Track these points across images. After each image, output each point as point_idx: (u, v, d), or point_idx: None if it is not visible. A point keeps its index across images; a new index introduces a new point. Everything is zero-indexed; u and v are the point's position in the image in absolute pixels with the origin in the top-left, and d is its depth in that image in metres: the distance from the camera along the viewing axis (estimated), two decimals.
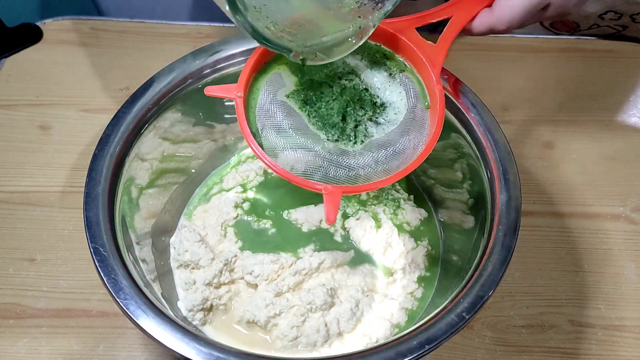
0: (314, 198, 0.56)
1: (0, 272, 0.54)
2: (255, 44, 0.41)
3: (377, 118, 0.44)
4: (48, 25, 0.73)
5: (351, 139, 0.43)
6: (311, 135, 0.42)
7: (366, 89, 0.44)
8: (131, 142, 0.47)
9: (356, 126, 0.43)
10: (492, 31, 0.44)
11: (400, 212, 0.56)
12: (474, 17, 0.45)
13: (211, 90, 0.41)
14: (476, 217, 0.49)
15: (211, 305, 0.50)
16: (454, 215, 0.54)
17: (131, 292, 0.39)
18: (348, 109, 0.43)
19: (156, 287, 0.46)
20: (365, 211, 0.56)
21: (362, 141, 0.43)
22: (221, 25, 0.74)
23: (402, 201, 0.57)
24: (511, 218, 0.43)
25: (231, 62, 0.51)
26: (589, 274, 0.56)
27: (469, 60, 0.73)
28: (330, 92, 0.43)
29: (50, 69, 0.69)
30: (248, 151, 0.60)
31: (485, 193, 0.46)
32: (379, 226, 0.55)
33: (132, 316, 0.38)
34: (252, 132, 0.41)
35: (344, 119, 0.43)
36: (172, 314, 0.41)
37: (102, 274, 0.40)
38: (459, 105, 0.49)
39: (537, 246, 0.57)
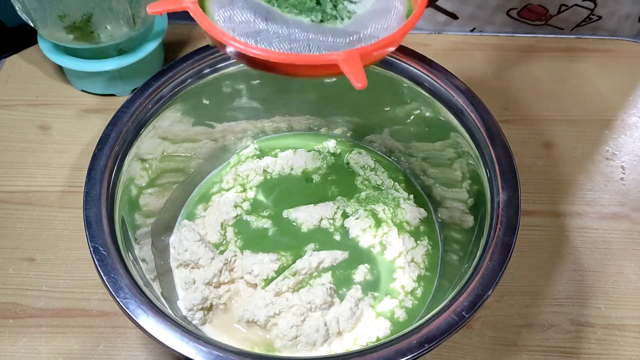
0: (314, 198, 0.57)
1: (0, 271, 0.54)
2: None
3: None
4: None
5: (336, 17, 0.39)
6: (292, 23, 0.37)
7: None
8: (131, 142, 0.47)
9: (335, 6, 0.39)
10: None
11: (399, 211, 0.56)
12: None
13: (154, 7, 0.36)
14: (476, 216, 0.49)
15: (211, 305, 0.50)
16: (453, 214, 0.54)
17: (131, 292, 0.39)
18: None
19: (156, 286, 0.46)
20: (365, 210, 0.56)
21: (348, 17, 0.39)
22: None
23: (401, 200, 0.57)
24: (511, 218, 0.43)
25: (231, 62, 0.51)
26: (589, 273, 0.56)
27: (469, 60, 0.73)
28: None
29: (50, 69, 0.69)
30: (248, 151, 0.60)
31: (485, 193, 0.46)
32: (378, 225, 0.55)
33: (132, 315, 0.38)
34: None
35: (318, 3, 0.39)
36: (171, 313, 0.41)
37: (101, 274, 0.40)
38: (459, 105, 0.49)
39: (537, 246, 0.57)
